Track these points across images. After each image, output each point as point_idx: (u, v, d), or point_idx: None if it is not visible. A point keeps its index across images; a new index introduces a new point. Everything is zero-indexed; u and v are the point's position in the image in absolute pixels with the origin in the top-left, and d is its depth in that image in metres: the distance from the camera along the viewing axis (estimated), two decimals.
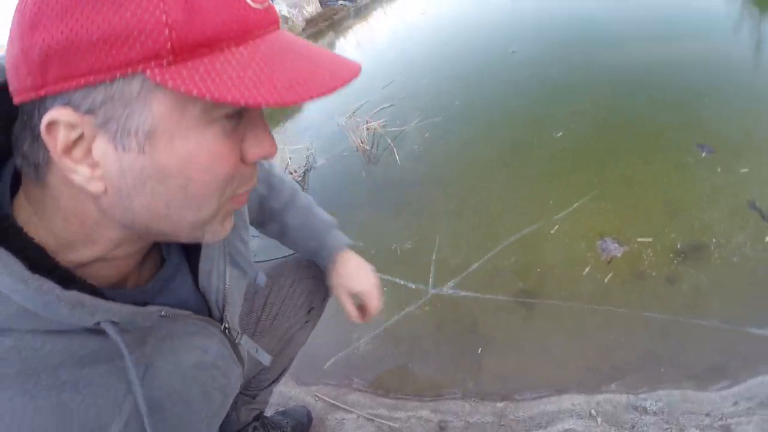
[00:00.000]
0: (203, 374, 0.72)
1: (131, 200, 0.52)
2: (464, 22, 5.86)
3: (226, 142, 0.53)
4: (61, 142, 0.48)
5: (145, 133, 0.49)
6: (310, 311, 1.33)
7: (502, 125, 3.06)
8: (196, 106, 0.49)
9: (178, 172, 0.51)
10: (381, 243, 2.43)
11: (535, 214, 2.25)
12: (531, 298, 1.91)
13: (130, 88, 0.47)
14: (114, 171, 0.50)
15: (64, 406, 0.51)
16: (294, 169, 3.34)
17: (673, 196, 2.15)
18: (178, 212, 0.55)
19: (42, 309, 0.49)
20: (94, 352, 0.55)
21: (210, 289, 0.74)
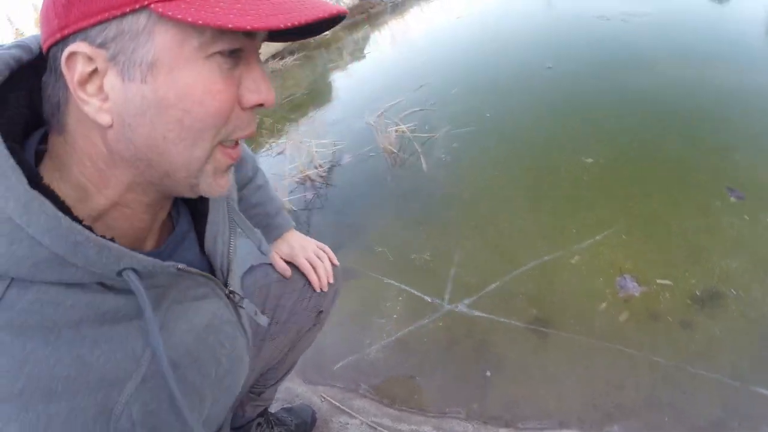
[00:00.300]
0: (212, 338, 0.76)
1: (132, 131, 0.57)
2: (500, 30, 5.82)
3: (222, 79, 0.58)
4: (78, 74, 0.54)
5: (147, 64, 0.54)
6: (319, 314, 1.36)
7: (532, 144, 3.05)
8: (194, 40, 0.55)
9: (175, 102, 0.56)
10: (400, 251, 2.44)
11: (557, 241, 2.25)
12: (544, 327, 1.92)
13: (137, 22, 0.53)
14: (119, 101, 0.56)
15: (84, 359, 0.55)
16: (319, 164, 3.34)
17: (697, 240, 2.14)
18: (174, 146, 0.58)
19: (72, 251, 0.53)
20: (115, 311, 0.59)
21: (215, 253, 0.79)
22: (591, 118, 3.19)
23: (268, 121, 4.73)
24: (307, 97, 5.40)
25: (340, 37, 8.31)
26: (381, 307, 2.17)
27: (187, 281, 0.70)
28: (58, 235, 0.52)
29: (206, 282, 0.74)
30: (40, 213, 0.51)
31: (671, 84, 3.43)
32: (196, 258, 0.77)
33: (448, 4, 8.85)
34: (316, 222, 2.91)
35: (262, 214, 1.34)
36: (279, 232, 1.35)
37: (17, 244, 0.52)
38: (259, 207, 1.33)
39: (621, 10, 5.42)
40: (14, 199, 0.51)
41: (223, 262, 0.81)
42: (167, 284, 0.67)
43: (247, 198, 1.31)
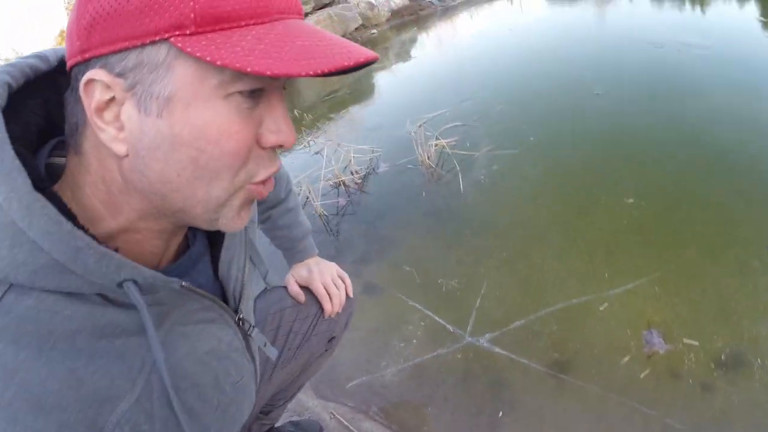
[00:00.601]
0: (216, 363, 0.73)
1: (146, 165, 0.56)
2: (551, 48, 5.76)
3: (240, 119, 0.56)
4: (95, 101, 0.54)
5: (164, 98, 0.53)
6: (331, 340, 1.35)
7: (574, 176, 3.00)
8: (213, 79, 0.53)
9: (189, 140, 0.54)
10: (428, 273, 2.42)
11: (588, 285, 2.21)
12: (563, 373, 1.88)
13: (157, 54, 0.52)
14: (135, 133, 0.55)
15: (77, 373, 0.53)
16: (356, 170, 3.34)
17: (730, 301, 2.07)
18: (188, 185, 0.57)
19: (72, 257, 0.52)
20: (113, 325, 0.57)
21: (229, 278, 0.78)
22: (636, 154, 3.13)
23: (308, 118, 4.74)
24: (350, 96, 5.40)
25: (388, 37, 8.30)
26: (402, 329, 2.15)
27: (194, 303, 0.69)
28: (59, 239, 0.51)
29: (213, 306, 0.72)
30: (41, 215, 0.51)
31: (724, 126, 3.33)
32: (209, 282, 0.76)
33: (500, 14, 8.79)
34: (345, 230, 2.91)
35: (287, 237, 1.33)
36: (301, 257, 1.35)
37: (18, 248, 0.51)
38: (285, 230, 1.32)
39: (678, 38, 5.32)
40: (17, 200, 0.50)
41: (236, 288, 0.79)
42: (170, 303, 0.65)
43: (274, 219, 1.31)
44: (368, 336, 2.15)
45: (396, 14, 9.41)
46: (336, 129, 4.45)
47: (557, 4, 9.13)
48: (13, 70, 0.58)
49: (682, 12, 7.29)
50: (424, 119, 4.01)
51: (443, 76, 5.40)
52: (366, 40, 8.20)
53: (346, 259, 2.62)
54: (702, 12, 7.11)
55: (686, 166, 2.94)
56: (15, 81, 0.57)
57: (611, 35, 6.12)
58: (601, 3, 8.48)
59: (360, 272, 2.50)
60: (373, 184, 3.27)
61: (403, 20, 9.29)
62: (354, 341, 2.13)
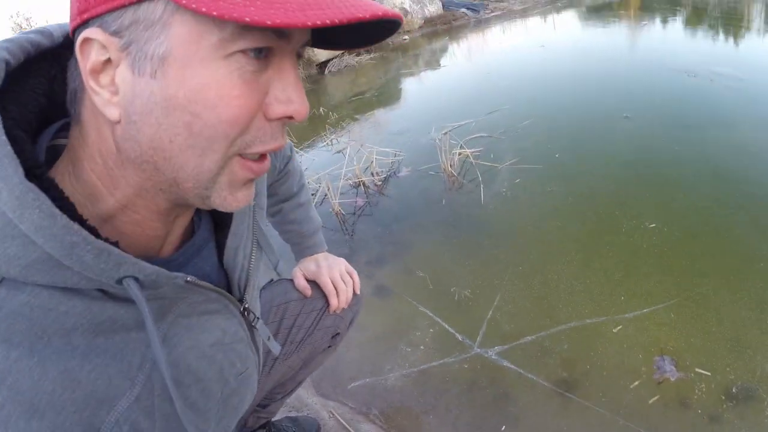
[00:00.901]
0: (221, 356, 0.71)
1: (138, 130, 0.52)
2: (583, 67, 5.72)
3: (243, 83, 0.51)
4: (90, 62, 0.51)
5: (159, 57, 0.49)
6: (335, 336, 1.34)
7: (597, 196, 2.97)
8: (213, 36, 0.49)
9: (184, 104, 0.50)
10: (441, 281, 2.40)
11: (603, 306, 2.18)
12: (570, 392, 1.85)
13: (153, 10, 0.49)
14: (128, 96, 0.51)
15: (72, 374, 0.51)
16: (377, 171, 3.34)
17: (745, 334, 2.03)
18: (181, 153, 0.53)
19: (67, 252, 0.49)
20: (112, 320, 0.54)
21: (234, 267, 0.74)
22: (660, 180, 3.09)
23: (333, 116, 4.75)
24: (376, 99, 5.40)
25: (419, 44, 8.31)
26: (410, 334, 2.13)
27: (198, 295, 0.65)
28: (52, 234, 0.48)
29: (219, 297, 0.69)
30: (33, 207, 0.47)
31: (751, 159, 3.28)
32: (213, 270, 0.72)
33: (533, 30, 8.76)
34: (361, 230, 2.90)
35: (296, 232, 1.32)
36: (310, 252, 1.33)
37: (9, 242, 0.48)
38: (296, 224, 1.31)
39: (711, 68, 5.26)
40: (8, 191, 0.47)
41: (241, 277, 0.76)
42: (174, 296, 0.62)
43: (285, 213, 1.30)
44: (375, 338, 2.14)
45: (429, 22, 9.42)
46: (360, 130, 4.45)
47: (591, 25, 9.08)
48: (12, 45, 0.54)
49: (716, 42, 7.21)
50: (449, 128, 3.99)
51: (472, 86, 5.38)
52: (397, 46, 8.22)
53: (360, 260, 2.61)
54: (736, 43, 7.03)
55: (710, 196, 2.90)
56: (14, 58, 0.54)
57: (643, 59, 6.06)
58: (635, 27, 8.42)
59: (372, 274, 2.49)
60: (393, 187, 3.26)
61: (436, 29, 9.30)
62: (360, 342, 2.11)
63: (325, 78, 6.69)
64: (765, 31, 7.83)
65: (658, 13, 9.81)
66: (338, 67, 6.94)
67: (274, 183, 1.23)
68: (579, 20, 9.73)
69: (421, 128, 4.16)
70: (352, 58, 7.25)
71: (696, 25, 8.55)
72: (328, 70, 6.90)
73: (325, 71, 6.85)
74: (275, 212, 1.30)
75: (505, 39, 8.13)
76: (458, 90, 5.38)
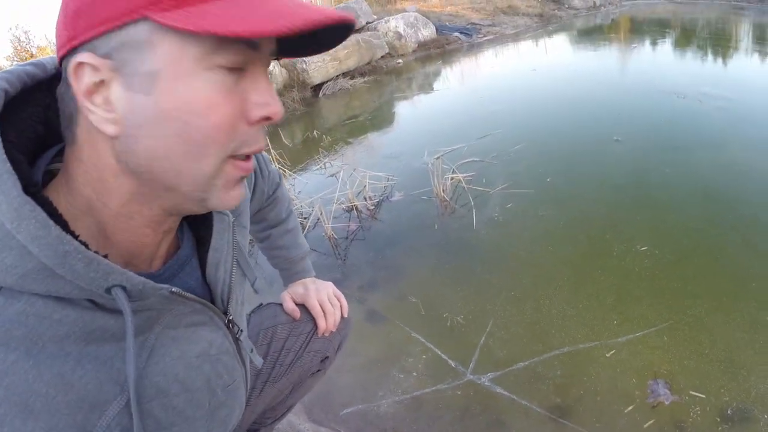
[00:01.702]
0: (207, 366, 0.73)
1: (136, 143, 0.56)
2: (573, 91, 5.79)
3: (224, 92, 0.56)
4: (84, 84, 0.54)
5: (150, 75, 0.54)
6: (324, 360, 1.33)
7: (588, 220, 2.99)
8: (194, 50, 0.54)
9: (175, 115, 0.55)
10: (433, 307, 2.40)
11: (596, 331, 2.17)
12: (564, 418, 1.84)
13: (138, 32, 0.53)
14: (124, 112, 0.55)
15: (65, 377, 0.53)
16: (370, 196, 3.35)
17: (739, 354, 2.03)
18: (177, 160, 0.57)
19: (60, 261, 0.52)
20: (102, 330, 0.57)
21: (216, 281, 0.77)
22: (651, 203, 3.11)
23: (326, 140, 4.77)
24: (370, 122, 5.44)
25: (413, 68, 8.39)
26: (403, 361, 2.12)
27: (183, 307, 0.68)
28: (47, 243, 0.51)
29: (204, 309, 0.72)
30: (30, 218, 0.51)
31: (741, 180, 3.32)
32: (197, 284, 0.75)
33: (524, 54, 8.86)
34: (353, 255, 2.90)
35: (285, 258, 1.33)
36: (298, 277, 1.35)
37: (7, 252, 0.51)
38: (284, 250, 1.32)
39: (700, 89, 5.33)
40: (7, 203, 0.50)
41: (224, 290, 0.79)
42: (160, 307, 0.64)
43: (274, 238, 1.31)
44: (367, 364, 2.12)
45: (422, 46, 9.53)
46: (353, 153, 4.47)
47: (582, 48, 9.20)
48: (10, 77, 0.59)
49: (705, 63, 7.32)
50: (441, 152, 4.02)
51: (464, 111, 5.43)
52: (391, 69, 8.30)
53: (352, 285, 2.60)
54: (724, 64, 7.14)
55: (701, 217, 2.92)
56: (12, 87, 0.58)
57: (634, 82, 6.15)
58: (625, 49, 8.54)
59: (364, 299, 2.48)
60: (386, 211, 3.27)
61: (429, 53, 9.40)
62: (353, 368, 2.10)
63: (320, 101, 6.73)
64: (752, 51, 7.96)
65: (648, 35, 9.97)
66: (332, 90, 6.99)
67: (263, 209, 1.25)
68: (570, 44, 9.87)
69: (414, 152, 4.18)
70: (347, 81, 7.31)
71: (685, 47, 8.70)
72: (323, 93, 6.95)
73: (320, 94, 6.90)
74: (264, 238, 1.32)
75: (497, 63, 8.22)
76: (451, 114, 5.42)
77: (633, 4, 15.70)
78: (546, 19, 12.63)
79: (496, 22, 11.52)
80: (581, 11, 14.13)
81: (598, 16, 13.57)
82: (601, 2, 14.93)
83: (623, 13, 13.95)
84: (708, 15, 12.93)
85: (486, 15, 11.92)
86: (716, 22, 11.79)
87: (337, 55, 7.38)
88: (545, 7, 13.36)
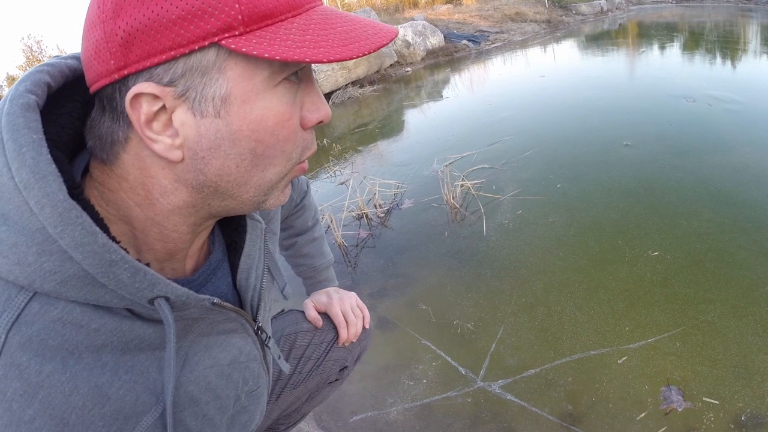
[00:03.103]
0: (237, 374, 0.74)
1: (205, 164, 0.57)
2: (582, 96, 5.77)
3: (289, 106, 0.58)
4: (144, 114, 0.53)
5: (221, 98, 0.54)
6: (342, 370, 1.33)
7: (599, 226, 2.97)
8: (264, 71, 0.55)
9: (249, 134, 0.56)
10: (443, 314, 2.40)
11: (608, 337, 2.16)
12: (576, 426, 1.82)
13: (206, 58, 0.53)
14: (192, 137, 0.55)
15: (102, 389, 0.52)
16: (379, 203, 3.35)
17: (753, 360, 2.01)
18: (246, 173, 0.59)
19: (104, 270, 0.51)
20: (140, 339, 0.57)
21: (247, 287, 0.77)
22: (662, 208, 3.09)
23: (336, 148, 4.79)
24: (379, 130, 5.45)
25: (422, 76, 8.41)
26: (412, 368, 2.12)
27: (218, 315, 0.68)
28: (92, 251, 0.50)
29: (236, 317, 0.73)
30: (76, 225, 0.49)
31: (752, 184, 3.29)
32: (228, 289, 0.75)
33: (533, 59, 8.86)
34: (364, 263, 2.90)
35: (309, 266, 1.34)
36: (322, 286, 1.35)
37: (47, 257, 0.50)
38: (309, 258, 1.33)
39: (709, 92, 5.30)
40: (51, 207, 0.49)
41: (253, 297, 0.79)
42: (197, 316, 0.65)
43: (299, 246, 1.32)
44: (377, 371, 2.12)
45: (431, 54, 9.55)
46: (363, 161, 4.48)
47: (590, 54, 9.18)
48: (53, 70, 0.57)
49: (714, 66, 7.28)
50: (451, 159, 4.02)
51: (473, 118, 5.43)
52: (400, 77, 8.32)
53: (362, 292, 2.60)
54: (733, 67, 7.09)
55: (713, 222, 2.89)
56: (55, 81, 0.57)
57: (642, 86, 6.12)
58: (633, 54, 8.51)
59: (375, 306, 2.49)
60: (396, 219, 3.27)
61: (438, 60, 9.42)
62: (363, 375, 2.10)
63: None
64: (761, 53, 7.90)
65: (656, 39, 9.93)
66: (342, 99, 7.03)
67: (290, 216, 1.26)
68: (578, 49, 9.85)
69: (424, 160, 4.19)
70: (356, 90, 7.35)
71: (693, 50, 8.65)
72: (332, 101, 6.98)
73: (329, 103, 6.93)
74: (289, 245, 1.32)
75: (505, 70, 8.21)
76: (460, 121, 5.43)
77: (640, 8, 15.68)
78: (554, 25, 12.63)
79: (504, 29, 11.53)
80: (589, 17, 14.12)
81: (606, 22, 13.55)
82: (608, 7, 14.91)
83: (630, 18, 13.92)
84: (715, 17, 12.88)
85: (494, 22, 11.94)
86: (724, 24, 11.73)
87: (346, 64, 7.42)
88: (553, 13, 13.36)
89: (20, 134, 0.50)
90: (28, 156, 0.49)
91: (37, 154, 0.50)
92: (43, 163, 0.50)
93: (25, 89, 0.53)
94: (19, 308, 0.50)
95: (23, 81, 0.54)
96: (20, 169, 0.49)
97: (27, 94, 0.53)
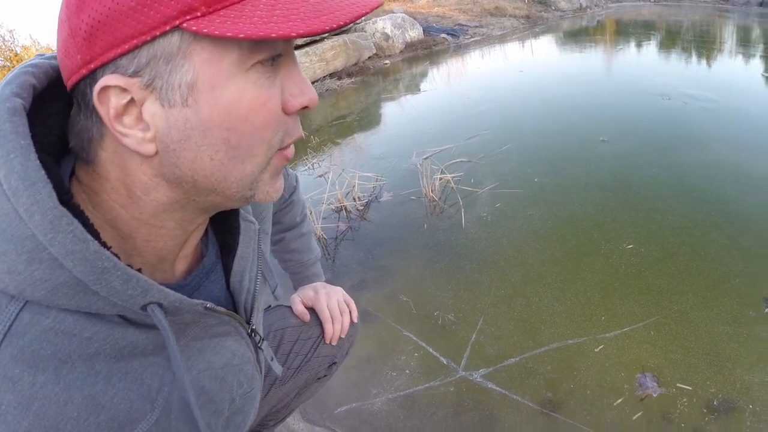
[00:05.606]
0: (231, 377, 0.73)
1: (178, 157, 0.54)
2: (560, 92, 5.83)
3: (264, 90, 0.55)
4: (113, 108, 0.51)
5: (187, 86, 0.51)
6: (331, 366, 1.33)
7: (576, 219, 3.02)
8: (233, 53, 0.51)
9: (219, 122, 0.53)
10: (424, 306, 2.42)
11: (584, 326, 2.21)
12: (555, 412, 1.86)
13: (170, 44, 0.50)
14: (162, 128, 0.53)
15: (96, 399, 0.52)
16: (359, 196, 3.36)
17: (724, 347, 2.07)
18: (222, 166, 0.56)
19: (96, 278, 0.50)
20: (133, 345, 0.55)
21: (241, 290, 0.75)
22: (637, 202, 3.15)
23: (315, 140, 4.78)
24: (357, 123, 5.45)
25: (400, 69, 8.41)
26: (395, 359, 2.14)
27: (211, 319, 0.67)
28: (83, 258, 0.49)
29: (230, 320, 0.71)
30: (66, 232, 0.48)
31: (725, 179, 3.37)
32: (221, 292, 0.74)
33: (511, 54, 8.91)
34: (343, 255, 2.91)
35: (297, 262, 1.34)
36: (309, 281, 1.35)
37: (37, 265, 0.48)
38: (296, 254, 1.33)
39: (684, 91, 5.40)
40: (41, 214, 0.47)
41: (247, 299, 0.77)
42: (190, 321, 0.63)
43: (287, 242, 1.31)
44: (360, 363, 2.14)
45: (410, 47, 9.56)
46: (341, 154, 4.48)
47: (568, 50, 9.27)
48: (37, 71, 0.55)
49: (690, 64, 7.42)
50: (430, 152, 4.04)
51: (451, 111, 5.46)
52: (378, 70, 8.31)
53: (343, 285, 2.57)
54: (708, 66, 7.23)
55: (687, 217, 2.96)
56: (39, 82, 0.55)
57: (619, 83, 6.22)
58: (611, 51, 8.62)
59: (355, 299, 2.43)
60: (375, 211, 3.28)
61: (416, 53, 9.42)
62: (346, 367, 2.11)
63: None
64: (737, 53, 8.06)
65: (633, 37, 10.07)
66: (320, 91, 7.00)
67: (278, 212, 1.25)
68: (556, 45, 9.94)
69: (402, 153, 4.20)
70: (334, 82, 7.32)
71: (670, 49, 8.80)
72: None
73: None
74: (277, 241, 1.31)
75: (484, 64, 8.25)
76: (438, 115, 5.45)
77: (619, 6, 15.86)
78: (532, 20, 12.71)
79: (483, 24, 11.58)
80: (567, 13, 14.24)
81: (584, 18, 13.69)
82: (587, 4, 15.05)
83: (609, 16, 14.08)
84: (692, 17, 13.09)
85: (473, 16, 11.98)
86: (701, 24, 11.93)
87: (324, 56, 7.38)
88: (532, 8, 13.44)
89: (7, 140, 0.48)
90: (17, 162, 0.48)
91: (26, 159, 0.48)
92: (31, 169, 0.48)
93: (11, 93, 0.51)
94: (11, 318, 0.49)
95: (8, 84, 0.52)
96: (8, 176, 0.48)
97: (13, 97, 0.51)
